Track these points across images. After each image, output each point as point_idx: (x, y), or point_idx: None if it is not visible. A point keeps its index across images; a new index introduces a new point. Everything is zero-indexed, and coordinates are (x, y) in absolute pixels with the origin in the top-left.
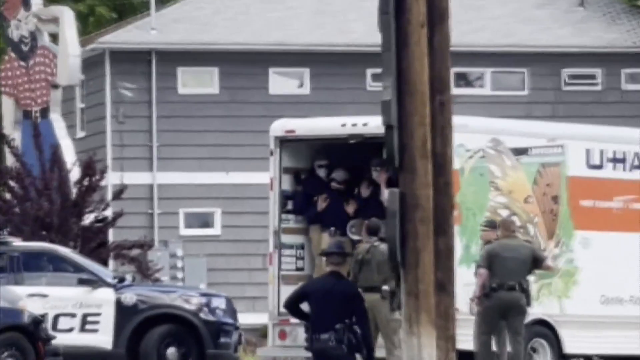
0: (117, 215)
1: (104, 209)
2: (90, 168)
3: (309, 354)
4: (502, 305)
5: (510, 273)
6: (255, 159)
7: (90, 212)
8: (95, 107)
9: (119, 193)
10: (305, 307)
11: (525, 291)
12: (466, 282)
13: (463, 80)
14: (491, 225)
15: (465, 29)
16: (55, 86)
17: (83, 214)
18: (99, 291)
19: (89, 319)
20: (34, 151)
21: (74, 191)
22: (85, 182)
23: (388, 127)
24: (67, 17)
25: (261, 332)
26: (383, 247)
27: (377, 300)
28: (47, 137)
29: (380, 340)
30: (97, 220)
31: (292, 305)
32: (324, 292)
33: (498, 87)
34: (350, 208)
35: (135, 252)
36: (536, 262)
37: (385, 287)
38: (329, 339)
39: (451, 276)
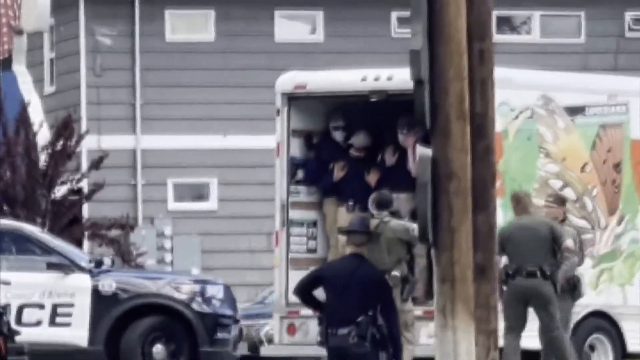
0: (96, 188)
1: (79, 180)
2: (67, 129)
3: (323, 352)
4: (522, 293)
5: (528, 256)
6: (259, 119)
7: (62, 184)
8: (67, 58)
9: (98, 162)
10: (319, 295)
11: (550, 277)
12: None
13: (507, 25)
14: (559, 201)
15: None
16: (19, 32)
17: (54, 185)
18: (71, 277)
19: (60, 310)
20: None
21: (42, 158)
22: (58, 147)
23: (417, 81)
24: None
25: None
26: (394, 223)
27: None
28: (9, 93)
29: None
30: (70, 193)
31: (304, 291)
32: (344, 278)
33: (549, 33)
34: (372, 178)
35: (114, 233)
36: (556, 241)
37: (395, 273)
38: (349, 334)
39: (492, 259)
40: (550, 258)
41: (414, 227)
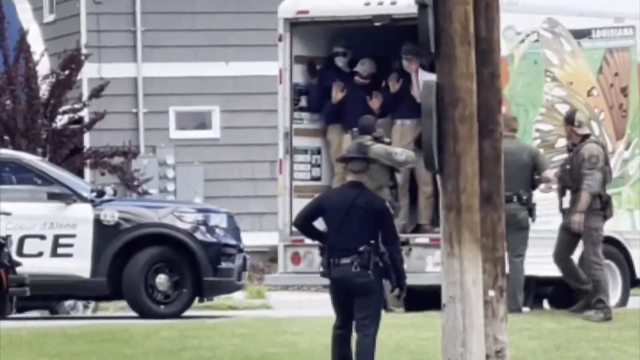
0: (97, 117)
1: (80, 110)
2: (75, 62)
3: (327, 282)
4: None
5: (506, 181)
6: (261, 45)
7: (64, 114)
8: None
9: (98, 90)
10: (320, 224)
11: (526, 203)
12: None
13: None
14: (568, 120)
15: None
16: None
17: (55, 115)
18: (73, 207)
19: (62, 241)
20: None
21: (42, 87)
22: (61, 77)
23: (421, 5)
24: None
25: (270, 256)
26: (376, 147)
27: None
28: (8, 21)
29: None
30: (70, 122)
31: (304, 223)
32: (344, 207)
33: None
34: (374, 103)
35: (117, 160)
36: (537, 169)
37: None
38: (351, 264)
39: (499, 186)
40: (528, 185)
41: (397, 151)
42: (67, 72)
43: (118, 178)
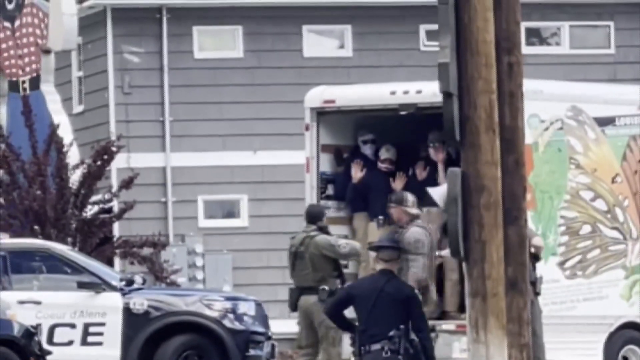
0: (127, 207)
1: (110, 200)
2: (107, 153)
3: None
4: None
5: None
6: (288, 135)
7: (94, 204)
8: (95, 76)
9: (128, 182)
10: (350, 313)
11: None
12: (545, 279)
13: (536, 36)
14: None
15: None
16: (46, 51)
17: (85, 205)
18: (103, 296)
19: (92, 329)
20: (24, 129)
21: (72, 177)
22: (93, 168)
23: (446, 94)
24: None
25: (297, 343)
26: (320, 238)
27: (314, 304)
28: (37, 113)
29: None
30: (100, 212)
31: (335, 312)
32: (374, 295)
33: (578, 44)
34: (397, 184)
35: (146, 251)
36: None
37: (324, 287)
38: (382, 349)
39: (524, 272)
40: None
41: (340, 243)
42: (99, 162)
43: (147, 269)
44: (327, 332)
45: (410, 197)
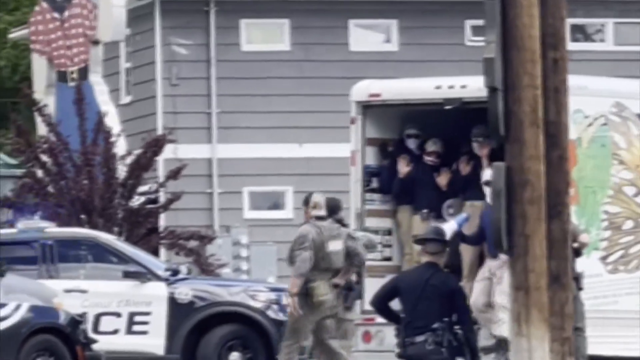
0: (174, 198)
1: (157, 190)
2: (158, 146)
3: None
4: None
5: None
6: (334, 128)
7: (142, 194)
8: (143, 68)
9: (176, 172)
10: (394, 305)
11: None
12: (587, 274)
13: (581, 33)
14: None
15: None
16: (95, 42)
17: (133, 195)
18: (148, 286)
19: (137, 318)
20: (72, 119)
21: (119, 167)
22: (141, 159)
23: (491, 89)
24: None
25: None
26: (342, 231)
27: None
28: (86, 103)
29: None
30: (146, 202)
31: (380, 304)
32: (419, 287)
33: (622, 41)
34: (442, 179)
35: (192, 243)
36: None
37: (336, 280)
38: (426, 341)
39: (567, 266)
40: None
41: (358, 235)
42: (148, 154)
43: (193, 261)
44: (344, 327)
45: (315, 199)
